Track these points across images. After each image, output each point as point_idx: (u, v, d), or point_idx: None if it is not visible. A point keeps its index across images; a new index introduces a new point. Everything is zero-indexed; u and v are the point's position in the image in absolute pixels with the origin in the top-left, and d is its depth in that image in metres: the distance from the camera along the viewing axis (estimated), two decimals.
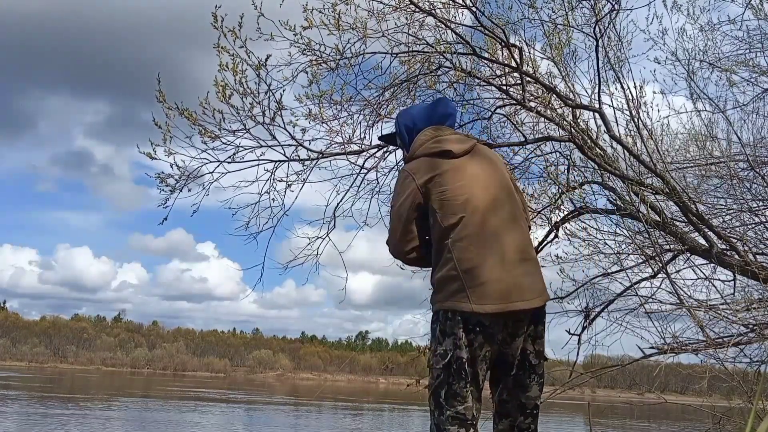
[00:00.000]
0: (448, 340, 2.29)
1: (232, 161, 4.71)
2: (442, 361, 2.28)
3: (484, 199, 2.44)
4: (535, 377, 2.39)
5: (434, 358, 2.32)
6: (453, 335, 2.28)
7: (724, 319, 4.96)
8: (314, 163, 4.95)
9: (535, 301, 2.34)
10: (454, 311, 2.30)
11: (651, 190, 4.93)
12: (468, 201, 2.42)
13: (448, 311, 2.31)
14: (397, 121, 2.79)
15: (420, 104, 2.95)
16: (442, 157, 2.52)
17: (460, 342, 2.27)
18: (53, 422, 17.01)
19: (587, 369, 6.42)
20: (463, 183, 2.45)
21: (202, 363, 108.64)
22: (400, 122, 2.75)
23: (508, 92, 5.11)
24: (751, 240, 5.29)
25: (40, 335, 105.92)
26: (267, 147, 4.78)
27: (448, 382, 2.27)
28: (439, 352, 2.30)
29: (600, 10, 4.84)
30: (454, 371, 2.26)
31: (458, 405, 2.26)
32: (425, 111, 2.76)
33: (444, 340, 2.30)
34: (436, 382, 2.30)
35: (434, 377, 2.31)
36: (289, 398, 39.67)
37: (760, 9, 5.28)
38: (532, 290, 2.34)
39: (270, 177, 4.89)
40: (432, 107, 2.80)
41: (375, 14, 4.80)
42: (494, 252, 2.33)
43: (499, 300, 2.27)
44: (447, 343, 2.29)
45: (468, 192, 2.43)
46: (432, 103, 2.85)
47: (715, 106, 5.46)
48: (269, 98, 4.64)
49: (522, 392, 2.38)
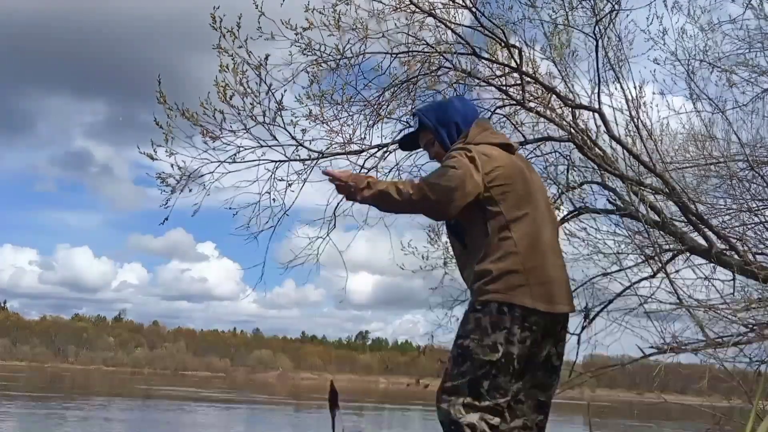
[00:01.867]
0: (500, 333, 2.25)
1: (233, 161, 4.72)
2: (490, 353, 2.24)
3: (541, 201, 2.49)
4: (555, 378, 2.47)
5: (479, 348, 2.25)
6: (506, 330, 2.25)
7: (724, 318, 4.97)
8: (314, 163, 4.96)
9: (570, 306, 2.44)
10: (512, 305, 2.26)
11: (650, 190, 4.94)
12: (532, 198, 2.43)
13: (505, 304, 2.27)
14: (440, 116, 2.61)
15: (452, 100, 2.78)
16: (505, 150, 2.48)
17: (514, 338, 2.25)
18: (53, 422, 17.03)
19: (587, 369, 6.43)
20: (524, 179, 2.45)
21: (203, 363, 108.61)
22: (447, 117, 2.59)
23: (507, 92, 5.11)
24: (750, 240, 5.30)
25: (40, 335, 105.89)
26: (267, 147, 4.79)
27: (492, 374, 2.24)
28: (486, 343, 2.25)
29: (600, 11, 4.84)
30: (502, 365, 2.24)
31: (500, 398, 2.27)
32: (464, 105, 2.70)
33: (494, 332, 2.25)
34: (479, 372, 2.25)
35: (477, 367, 2.25)
36: (290, 398, 39.71)
37: (761, 9, 5.29)
38: (569, 295, 2.46)
39: (270, 177, 4.90)
40: (464, 102, 2.76)
41: (375, 15, 4.81)
42: (549, 254, 2.40)
43: (550, 301, 2.32)
44: (498, 337, 2.25)
45: (531, 190, 2.45)
46: (458, 99, 2.78)
47: (714, 106, 5.47)
48: (269, 98, 4.66)
49: (542, 392, 2.42)
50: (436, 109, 2.68)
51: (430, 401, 2.61)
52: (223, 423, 21.48)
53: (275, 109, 4.68)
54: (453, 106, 2.65)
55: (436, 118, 2.60)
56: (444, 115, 2.61)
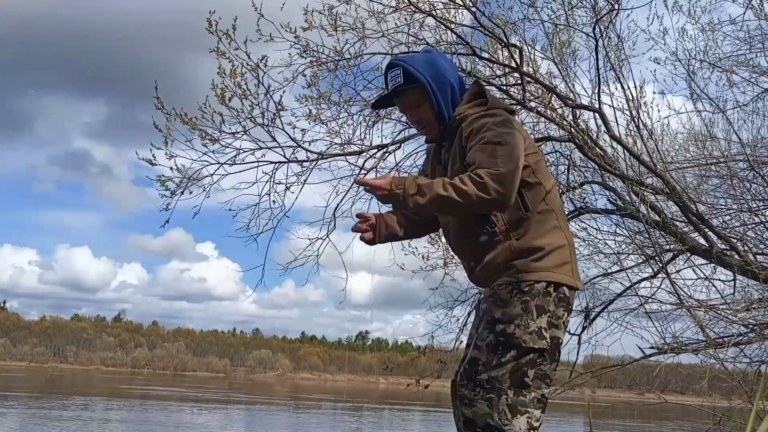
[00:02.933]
0: (544, 317, 2.05)
1: (233, 163, 4.72)
2: (538, 341, 2.03)
3: None
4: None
5: (526, 335, 2.03)
6: (549, 313, 2.06)
7: (724, 319, 4.97)
8: (313, 165, 4.95)
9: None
10: (559, 284, 2.08)
11: (651, 190, 4.93)
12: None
13: (552, 283, 2.07)
14: (434, 75, 2.24)
15: (436, 57, 2.33)
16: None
17: (560, 321, 2.09)
18: (53, 423, 17.02)
19: (587, 369, 6.43)
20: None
21: (202, 363, 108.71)
22: (442, 77, 2.25)
23: (508, 92, 5.11)
24: (750, 240, 5.29)
25: (40, 335, 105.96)
26: (267, 149, 4.78)
27: (538, 362, 2.04)
28: (533, 329, 2.03)
29: (600, 10, 4.84)
30: (548, 352, 2.05)
31: (545, 387, 2.07)
32: (451, 65, 2.37)
33: (539, 316, 2.04)
34: (524, 360, 2.02)
35: (522, 354, 2.02)
36: (290, 398, 39.72)
37: (761, 9, 5.29)
38: None
39: (270, 179, 4.90)
40: (448, 60, 2.39)
41: (375, 15, 4.80)
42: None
43: (579, 278, 2.18)
44: (542, 321, 2.04)
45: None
46: (440, 55, 2.39)
47: (715, 106, 5.47)
48: (268, 100, 4.65)
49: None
50: (426, 64, 2.26)
51: (429, 401, 2.57)
52: (223, 423, 21.47)
53: (274, 111, 4.68)
54: (442, 65, 2.29)
55: (430, 75, 2.23)
56: (437, 73, 2.25)
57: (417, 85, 2.22)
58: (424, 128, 2.32)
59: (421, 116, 2.27)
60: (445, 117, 2.24)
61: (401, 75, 2.23)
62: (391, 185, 2.01)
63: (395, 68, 2.26)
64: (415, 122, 2.33)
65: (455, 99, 2.26)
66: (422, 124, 2.30)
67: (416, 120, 2.31)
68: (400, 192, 2.01)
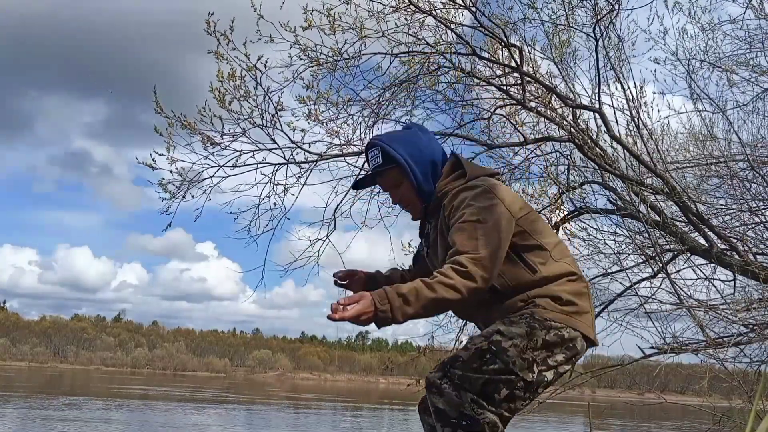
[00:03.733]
0: (543, 353, 1.99)
1: (234, 166, 4.72)
2: (525, 370, 1.96)
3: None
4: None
5: (518, 357, 1.96)
6: (550, 352, 2.00)
7: (724, 319, 4.96)
8: (313, 166, 4.95)
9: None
10: (574, 331, 2.03)
11: (651, 190, 4.93)
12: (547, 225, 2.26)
13: (567, 328, 2.02)
14: (412, 152, 2.19)
15: (417, 133, 2.27)
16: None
17: (556, 365, 2.02)
18: (53, 423, 17.01)
19: (587, 369, 6.43)
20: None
21: (202, 363, 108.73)
22: (421, 153, 2.18)
23: (508, 92, 5.11)
24: (751, 240, 5.29)
25: (40, 335, 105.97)
26: (267, 150, 4.78)
27: (515, 387, 1.98)
28: (527, 357, 1.97)
29: (600, 10, 4.84)
30: (529, 385, 1.98)
31: (506, 413, 2.00)
32: (431, 139, 2.30)
33: (539, 349, 1.98)
34: (502, 377, 1.95)
35: (503, 371, 1.95)
36: (289, 398, 39.70)
37: (761, 9, 5.28)
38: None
39: (270, 180, 4.89)
40: (428, 134, 2.33)
41: (375, 15, 4.80)
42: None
43: (594, 331, 2.11)
44: (539, 355, 1.98)
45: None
46: (421, 130, 2.32)
47: (715, 106, 5.47)
48: (267, 102, 4.65)
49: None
50: (404, 142, 2.21)
51: None
52: (222, 423, 21.46)
53: (273, 112, 4.68)
54: (421, 140, 2.23)
55: (408, 154, 2.18)
56: (416, 149, 2.19)
57: (395, 165, 2.17)
58: (407, 207, 2.26)
59: (402, 195, 2.22)
60: (426, 195, 2.19)
61: (380, 155, 2.19)
62: (375, 304, 1.85)
63: (374, 148, 2.21)
64: (398, 201, 2.26)
65: (437, 175, 2.19)
66: (405, 203, 2.24)
67: (398, 199, 2.25)
68: (386, 308, 1.86)
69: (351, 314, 1.83)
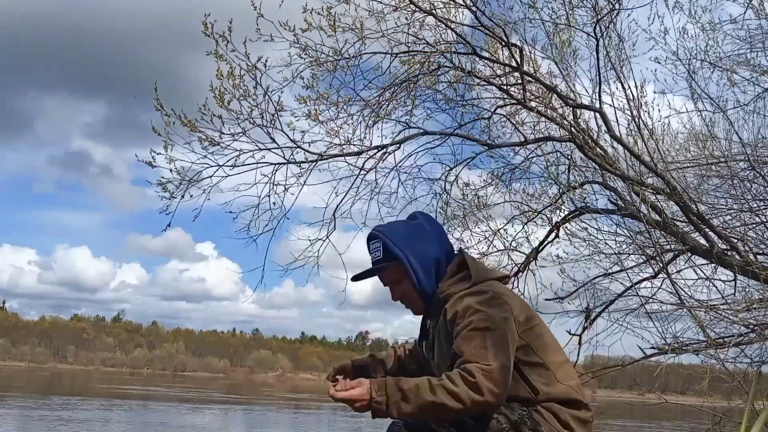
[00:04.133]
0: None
1: (234, 165, 4.70)
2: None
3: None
4: None
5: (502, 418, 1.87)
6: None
7: (725, 319, 4.96)
8: (312, 166, 4.94)
9: None
10: None
11: (651, 190, 4.92)
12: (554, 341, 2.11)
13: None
14: (414, 247, 2.06)
15: (422, 224, 2.15)
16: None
17: None
18: (53, 423, 17.00)
19: (588, 369, 6.41)
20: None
21: (202, 363, 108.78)
22: (424, 249, 2.07)
23: (508, 92, 5.10)
24: (751, 240, 5.28)
25: (39, 335, 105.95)
26: (266, 150, 4.77)
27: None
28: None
29: (601, 10, 4.83)
30: None
31: None
32: (437, 229, 2.17)
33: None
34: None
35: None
36: (290, 398, 39.69)
37: (761, 9, 5.28)
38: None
39: (269, 180, 4.88)
40: (433, 224, 2.19)
41: (375, 14, 4.79)
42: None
43: None
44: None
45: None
46: (427, 220, 2.18)
47: (715, 105, 5.45)
48: (267, 101, 4.64)
49: None
50: (407, 237, 2.08)
51: None
52: (223, 423, 21.45)
53: (273, 112, 4.67)
54: (426, 234, 2.10)
55: (410, 250, 2.06)
56: (419, 245, 2.07)
57: (396, 261, 2.06)
58: (407, 305, 2.15)
59: (403, 292, 2.11)
60: (427, 294, 2.07)
61: (380, 249, 2.08)
62: (371, 392, 1.78)
63: (376, 240, 2.10)
64: (397, 298, 2.14)
65: (440, 272, 2.07)
66: (405, 300, 2.13)
67: (398, 296, 2.13)
68: (382, 400, 1.77)
69: (344, 396, 1.79)
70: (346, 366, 2.34)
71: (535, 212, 5.51)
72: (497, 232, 5.57)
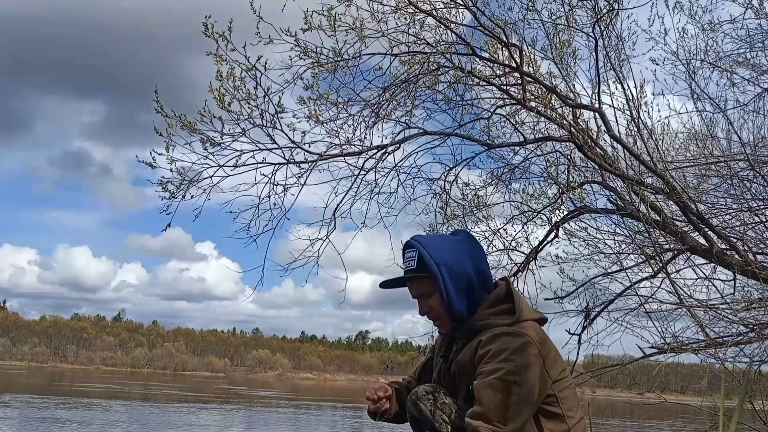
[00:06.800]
0: None
1: (234, 166, 4.71)
2: None
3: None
4: None
5: None
6: None
7: (724, 318, 4.96)
8: (312, 166, 4.94)
9: None
10: None
11: (651, 189, 4.93)
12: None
13: None
14: (450, 262, 1.96)
15: (463, 240, 2.05)
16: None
17: None
18: (53, 423, 17.00)
19: (587, 369, 6.43)
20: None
21: (202, 362, 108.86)
22: (461, 266, 1.96)
23: (508, 92, 5.11)
24: (751, 239, 5.29)
25: (40, 335, 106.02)
26: (267, 150, 4.78)
27: None
28: None
29: (600, 10, 4.83)
30: None
31: None
32: (476, 249, 2.06)
33: None
34: None
35: None
36: (289, 398, 39.69)
37: (761, 8, 5.28)
38: None
39: (269, 180, 4.89)
40: (474, 243, 2.07)
41: (375, 15, 4.80)
42: None
43: None
44: None
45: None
46: (468, 238, 2.08)
47: (715, 105, 5.45)
48: (267, 103, 4.65)
49: None
50: (445, 252, 1.97)
51: None
52: (222, 423, 21.46)
53: (273, 113, 4.67)
54: (465, 252, 1.99)
55: (446, 265, 1.95)
56: (456, 262, 1.96)
57: (428, 274, 1.97)
58: (434, 321, 2.07)
59: (431, 307, 2.02)
60: (456, 314, 1.98)
61: (415, 259, 1.99)
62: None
63: (411, 249, 2.02)
64: (425, 312, 2.05)
65: (473, 293, 1.98)
66: (432, 316, 2.05)
67: (425, 310, 2.04)
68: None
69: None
70: (383, 390, 2.31)
71: (534, 212, 5.52)
72: (497, 231, 5.58)
